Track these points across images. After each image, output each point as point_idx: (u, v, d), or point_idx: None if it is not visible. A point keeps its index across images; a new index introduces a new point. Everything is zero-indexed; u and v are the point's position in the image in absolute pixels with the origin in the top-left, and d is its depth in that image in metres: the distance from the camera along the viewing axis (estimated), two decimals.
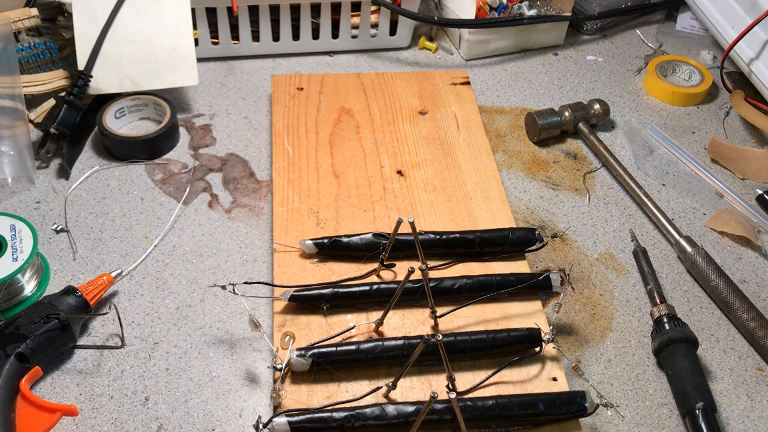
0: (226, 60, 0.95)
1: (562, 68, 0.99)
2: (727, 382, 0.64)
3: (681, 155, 0.85)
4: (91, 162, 0.80)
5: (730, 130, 0.91)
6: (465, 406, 0.56)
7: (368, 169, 0.79)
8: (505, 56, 1.01)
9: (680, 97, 0.94)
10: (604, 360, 0.65)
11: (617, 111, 0.92)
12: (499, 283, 0.66)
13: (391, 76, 0.92)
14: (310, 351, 0.59)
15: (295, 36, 0.96)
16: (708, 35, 1.05)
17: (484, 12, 0.95)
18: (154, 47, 0.83)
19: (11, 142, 0.76)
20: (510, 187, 0.81)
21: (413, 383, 0.60)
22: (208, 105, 0.89)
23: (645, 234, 0.77)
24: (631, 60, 1.02)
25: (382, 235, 0.69)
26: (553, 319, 0.65)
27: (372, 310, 0.65)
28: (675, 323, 0.65)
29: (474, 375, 0.61)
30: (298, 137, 0.82)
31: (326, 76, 0.91)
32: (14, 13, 0.81)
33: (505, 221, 0.74)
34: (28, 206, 0.75)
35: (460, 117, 0.87)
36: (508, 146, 0.86)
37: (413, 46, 1.01)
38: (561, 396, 0.58)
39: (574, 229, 0.77)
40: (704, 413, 0.58)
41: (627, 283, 0.72)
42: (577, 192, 0.81)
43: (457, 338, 0.61)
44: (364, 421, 0.55)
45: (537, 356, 0.62)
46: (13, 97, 0.77)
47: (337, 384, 0.59)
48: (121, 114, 0.83)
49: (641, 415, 0.61)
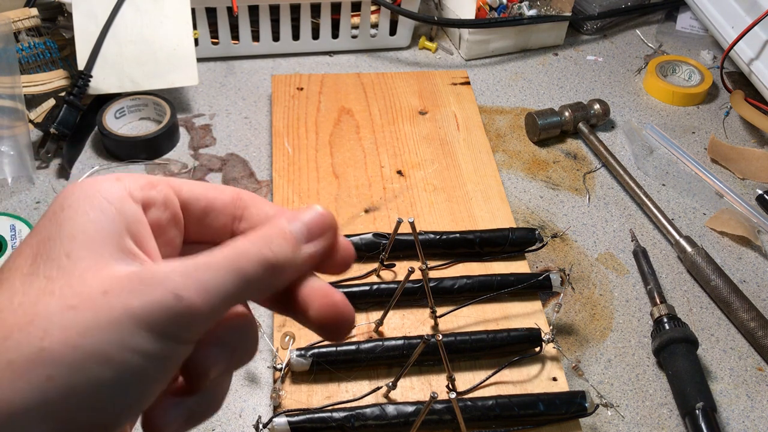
0: (226, 60, 0.95)
1: (562, 68, 0.99)
2: (727, 382, 0.64)
3: (681, 155, 0.85)
4: (91, 162, 0.80)
5: (730, 130, 0.91)
6: (465, 406, 0.56)
7: (368, 169, 0.79)
8: (505, 56, 1.01)
9: (680, 97, 0.94)
10: (604, 360, 0.65)
11: (617, 111, 0.92)
12: (499, 283, 0.66)
13: (391, 76, 0.92)
14: (310, 351, 0.59)
15: (295, 36, 0.96)
16: (708, 35, 1.05)
17: (484, 12, 0.95)
18: (154, 47, 0.83)
19: (11, 142, 0.76)
20: (510, 187, 0.81)
21: (413, 383, 0.60)
22: (208, 105, 0.89)
23: (645, 234, 0.77)
24: (631, 60, 1.02)
25: (382, 235, 0.69)
26: (553, 319, 0.65)
27: (372, 310, 0.65)
28: (675, 323, 0.65)
29: (474, 375, 0.61)
30: (298, 137, 0.82)
31: (326, 76, 0.91)
32: (14, 13, 0.81)
33: (505, 221, 0.74)
34: (28, 206, 0.75)
35: (460, 117, 0.87)
36: (508, 146, 0.86)
37: (413, 46, 1.01)
38: (561, 396, 0.58)
39: (574, 229, 0.77)
40: (704, 413, 0.58)
41: (627, 283, 0.72)
42: (577, 192, 0.81)
43: (457, 338, 0.61)
44: (364, 421, 0.55)
45: (537, 356, 0.62)
46: (13, 97, 0.77)
47: (337, 384, 0.59)
48: (121, 114, 0.83)
49: (641, 415, 0.61)
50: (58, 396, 0.23)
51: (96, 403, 0.24)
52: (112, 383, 0.24)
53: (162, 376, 0.26)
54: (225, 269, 0.27)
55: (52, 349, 0.23)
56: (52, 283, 0.25)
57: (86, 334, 0.24)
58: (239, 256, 0.27)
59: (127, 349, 0.24)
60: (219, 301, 0.26)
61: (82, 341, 0.24)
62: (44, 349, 0.23)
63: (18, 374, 0.23)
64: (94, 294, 0.24)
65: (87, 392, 0.24)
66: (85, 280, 0.25)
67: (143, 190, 0.29)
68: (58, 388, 0.23)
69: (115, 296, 0.24)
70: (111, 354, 0.24)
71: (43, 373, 0.23)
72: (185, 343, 0.26)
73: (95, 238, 0.26)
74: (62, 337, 0.23)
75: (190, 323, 0.26)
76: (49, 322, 0.24)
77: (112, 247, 0.26)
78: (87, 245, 0.26)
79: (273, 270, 0.28)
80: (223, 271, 0.26)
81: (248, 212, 0.31)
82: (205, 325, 0.26)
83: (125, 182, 0.28)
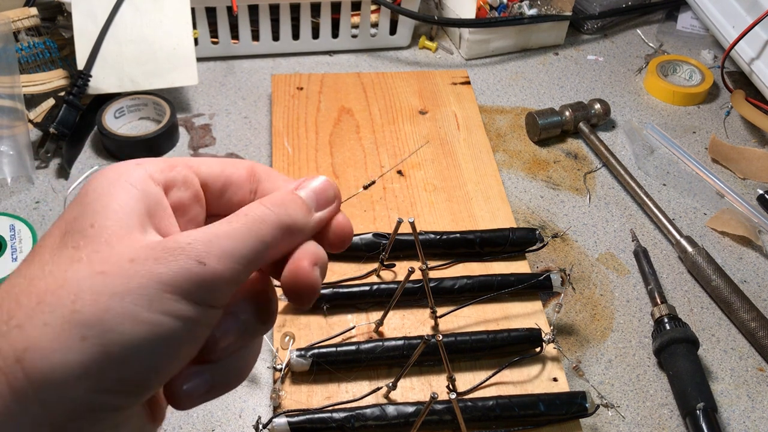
0: (225, 60, 0.95)
1: (563, 68, 0.99)
2: (727, 382, 0.64)
3: (682, 155, 0.85)
4: (90, 162, 0.80)
5: (730, 130, 0.91)
6: (465, 407, 0.56)
7: (368, 169, 0.78)
8: (506, 56, 1.01)
9: (681, 96, 0.93)
10: (604, 360, 0.65)
11: (618, 111, 0.92)
12: (500, 283, 0.65)
13: (391, 76, 0.91)
14: (310, 351, 0.59)
15: (295, 35, 0.96)
16: (708, 35, 1.05)
17: (485, 11, 0.95)
18: (153, 47, 0.83)
19: (10, 141, 0.75)
20: (510, 187, 0.81)
21: (413, 383, 0.60)
22: (207, 105, 0.89)
23: (645, 234, 0.77)
24: (632, 59, 1.02)
25: (382, 235, 0.68)
26: (554, 320, 0.65)
27: (372, 311, 0.65)
28: (676, 323, 0.64)
29: (474, 375, 0.61)
30: (298, 137, 0.81)
31: (326, 75, 0.90)
32: (13, 13, 0.81)
33: (506, 221, 0.74)
34: (28, 206, 0.74)
35: (461, 117, 0.86)
36: (509, 146, 0.86)
37: (413, 45, 1.01)
38: (561, 396, 0.58)
39: (575, 229, 0.77)
40: (705, 414, 0.58)
41: (627, 283, 0.71)
42: (578, 192, 0.81)
43: (457, 338, 0.61)
44: (364, 421, 0.55)
45: (537, 356, 0.62)
46: (12, 96, 0.77)
47: (337, 384, 0.59)
48: (121, 114, 0.83)
49: (642, 415, 0.61)
50: (93, 355, 0.24)
51: (128, 361, 0.25)
52: (143, 342, 0.25)
53: (191, 339, 0.27)
54: (244, 235, 0.28)
55: (84, 311, 0.24)
56: (80, 251, 0.26)
57: (117, 297, 0.25)
58: (257, 222, 0.29)
59: (158, 310, 0.25)
60: (240, 266, 0.28)
61: (113, 303, 0.25)
62: (77, 311, 0.24)
63: (54, 335, 0.24)
64: (121, 261, 0.26)
65: (120, 351, 0.25)
66: (112, 248, 0.26)
67: (163, 172, 0.30)
68: (92, 348, 0.24)
69: (141, 263, 0.26)
70: (142, 315, 0.25)
71: (77, 333, 0.24)
72: (212, 307, 0.27)
73: (119, 212, 0.27)
74: (93, 300, 0.25)
75: (214, 288, 0.27)
76: (79, 286, 0.25)
77: (135, 221, 0.27)
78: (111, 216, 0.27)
79: (290, 234, 0.30)
80: (243, 237, 0.28)
81: (262, 186, 0.33)
82: (229, 289, 0.28)
83: (146, 166, 0.30)
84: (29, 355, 0.24)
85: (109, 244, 0.26)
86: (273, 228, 0.29)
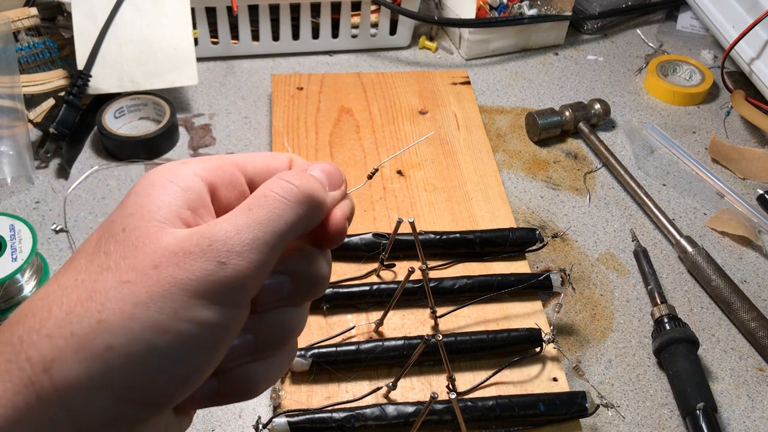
0: (225, 60, 0.95)
1: (563, 68, 0.99)
2: (727, 382, 0.64)
3: (681, 155, 0.85)
4: (90, 162, 0.80)
5: (730, 130, 0.91)
6: (465, 407, 0.56)
7: (368, 168, 0.78)
8: (506, 56, 1.01)
9: (681, 96, 0.93)
10: (604, 360, 0.65)
11: (618, 111, 0.92)
12: (500, 283, 0.65)
13: (391, 76, 0.91)
14: (310, 351, 0.59)
15: (295, 36, 0.96)
16: (708, 35, 1.05)
17: (484, 11, 0.95)
18: (153, 47, 0.83)
19: (10, 141, 0.75)
20: (510, 187, 0.81)
21: (413, 383, 0.60)
22: (207, 105, 0.89)
23: (645, 234, 0.77)
24: (632, 59, 1.02)
25: (382, 235, 0.68)
26: (554, 320, 0.65)
27: (372, 310, 0.65)
28: (675, 323, 0.64)
29: (474, 375, 0.61)
30: (298, 137, 0.81)
31: (326, 75, 0.90)
32: (13, 13, 0.81)
33: (506, 221, 0.74)
34: (28, 206, 0.74)
35: (461, 117, 0.86)
36: (509, 146, 0.86)
37: (413, 45, 1.01)
38: (561, 396, 0.58)
39: (575, 229, 0.76)
40: (705, 413, 0.58)
41: (627, 283, 0.71)
42: (578, 192, 0.81)
43: (457, 338, 0.61)
44: (364, 421, 0.55)
45: (537, 356, 0.62)
46: (12, 96, 0.77)
47: (337, 384, 0.59)
48: (121, 114, 0.83)
49: (642, 415, 0.61)
50: (117, 364, 0.24)
51: (153, 371, 0.25)
52: (168, 352, 0.25)
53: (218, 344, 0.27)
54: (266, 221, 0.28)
55: (110, 321, 0.25)
56: (109, 258, 0.26)
57: (141, 306, 0.25)
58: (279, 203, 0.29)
59: (182, 318, 0.25)
60: (264, 255, 0.27)
61: (138, 312, 0.25)
62: (102, 321, 0.25)
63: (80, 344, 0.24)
64: (146, 268, 0.26)
65: (144, 361, 0.25)
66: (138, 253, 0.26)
67: (210, 171, 0.30)
68: (117, 357, 0.24)
69: (164, 269, 0.26)
70: (166, 324, 0.25)
71: (102, 343, 0.24)
72: (238, 307, 0.27)
73: (151, 210, 0.27)
74: (118, 309, 0.25)
75: (239, 286, 0.27)
76: (106, 296, 0.25)
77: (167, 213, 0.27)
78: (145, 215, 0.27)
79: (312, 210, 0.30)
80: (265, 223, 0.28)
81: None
82: (256, 283, 0.28)
83: (192, 165, 0.30)
84: (56, 365, 0.24)
85: (136, 247, 0.26)
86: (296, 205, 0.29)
